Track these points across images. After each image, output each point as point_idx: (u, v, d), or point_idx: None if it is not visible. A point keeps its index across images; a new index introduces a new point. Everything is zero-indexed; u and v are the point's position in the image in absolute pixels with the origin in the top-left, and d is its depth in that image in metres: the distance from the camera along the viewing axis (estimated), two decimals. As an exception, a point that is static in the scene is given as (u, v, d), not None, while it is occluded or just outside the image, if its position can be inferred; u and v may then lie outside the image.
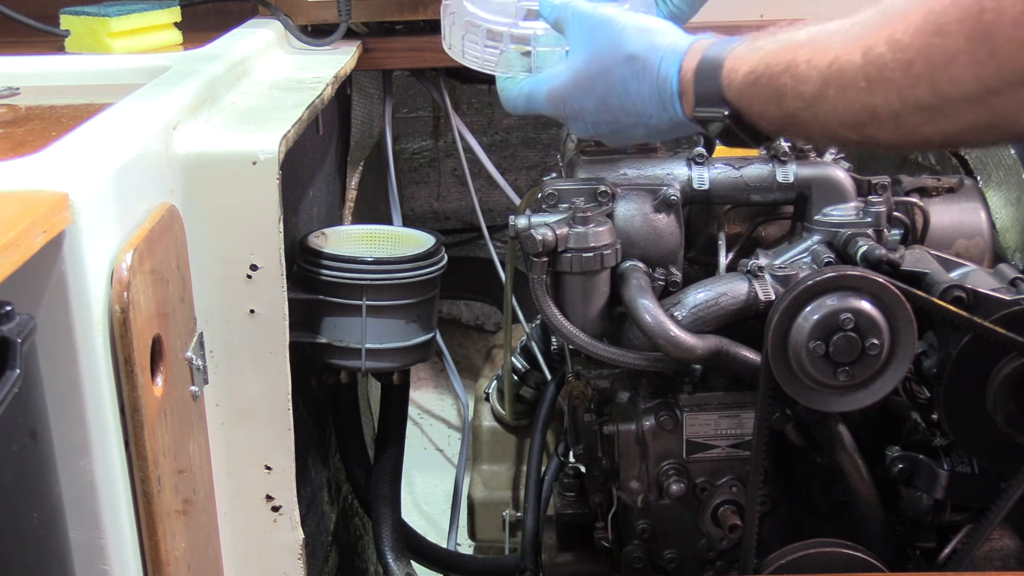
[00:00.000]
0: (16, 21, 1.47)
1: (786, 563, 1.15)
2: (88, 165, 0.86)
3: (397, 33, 1.72)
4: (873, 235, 1.21)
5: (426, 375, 2.37)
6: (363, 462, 1.66)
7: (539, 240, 1.17)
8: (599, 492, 1.36)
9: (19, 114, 1.15)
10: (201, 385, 1.03)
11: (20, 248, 0.70)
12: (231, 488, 1.13)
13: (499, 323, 2.29)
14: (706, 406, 1.24)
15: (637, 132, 1.13)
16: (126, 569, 0.87)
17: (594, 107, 1.12)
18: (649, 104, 1.08)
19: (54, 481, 0.76)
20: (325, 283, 1.39)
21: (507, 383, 1.70)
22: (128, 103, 1.07)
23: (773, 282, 1.18)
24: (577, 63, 1.12)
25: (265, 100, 1.27)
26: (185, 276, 1.01)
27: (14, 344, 0.66)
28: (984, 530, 1.13)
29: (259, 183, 1.07)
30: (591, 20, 1.12)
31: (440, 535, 2.11)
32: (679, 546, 1.28)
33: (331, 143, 1.67)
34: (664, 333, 1.15)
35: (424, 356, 1.49)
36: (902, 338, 1.10)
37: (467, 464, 1.93)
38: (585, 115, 1.13)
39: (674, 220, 1.24)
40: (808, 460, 1.27)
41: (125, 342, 0.83)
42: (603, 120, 1.13)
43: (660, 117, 1.08)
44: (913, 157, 1.82)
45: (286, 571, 1.17)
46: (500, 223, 2.01)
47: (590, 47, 1.11)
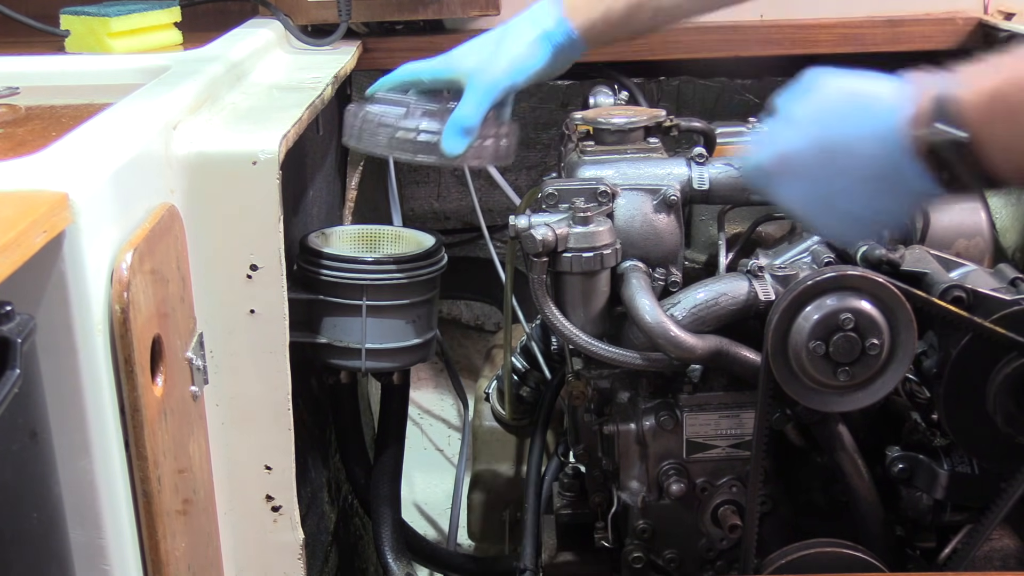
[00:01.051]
0: (16, 21, 1.47)
1: (786, 563, 1.15)
2: (88, 165, 0.86)
3: (397, 33, 1.72)
4: (873, 235, 1.21)
5: (426, 375, 2.37)
6: (363, 462, 1.66)
7: (539, 240, 1.17)
8: (599, 492, 1.36)
9: (19, 114, 1.15)
10: (201, 385, 1.03)
11: (20, 248, 0.70)
12: (231, 488, 1.13)
13: (499, 323, 2.29)
14: (706, 406, 1.24)
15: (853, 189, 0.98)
16: (126, 569, 0.87)
17: (812, 156, 1.00)
18: (870, 139, 0.97)
19: (54, 481, 0.76)
20: (325, 283, 1.39)
21: (507, 383, 1.70)
22: (128, 103, 1.07)
23: (773, 282, 1.18)
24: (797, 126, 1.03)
25: (265, 100, 1.27)
26: (185, 276, 1.01)
27: (14, 344, 0.66)
28: (984, 530, 1.13)
29: (259, 183, 1.07)
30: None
31: (440, 535, 2.11)
32: (679, 546, 1.28)
33: (331, 143, 1.67)
34: (664, 333, 1.15)
35: (424, 356, 1.49)
36: (902, 338, 1.10)
37: (467, 464, 1.93)
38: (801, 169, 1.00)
39: (674, 220, 1.24)
40: (808, 460, 1.27)
41: (125, 342, 0.83)
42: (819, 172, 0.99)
43: (878, 152, 0.96)
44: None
45: (286, 571, 1.17)
46: (500, 223, 2.01)
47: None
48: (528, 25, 1.25)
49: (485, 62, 1.24)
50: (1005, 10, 1.65)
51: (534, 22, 1.24)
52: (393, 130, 1.24)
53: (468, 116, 1.22)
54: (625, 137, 1.30)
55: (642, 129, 1.31)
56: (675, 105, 2.13)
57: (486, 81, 1.23)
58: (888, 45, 1.69)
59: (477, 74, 1.24)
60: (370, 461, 1.66)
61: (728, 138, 1.38)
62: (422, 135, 1.23)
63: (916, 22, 1.67)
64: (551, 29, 1.23)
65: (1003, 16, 1.64)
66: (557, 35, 1.24)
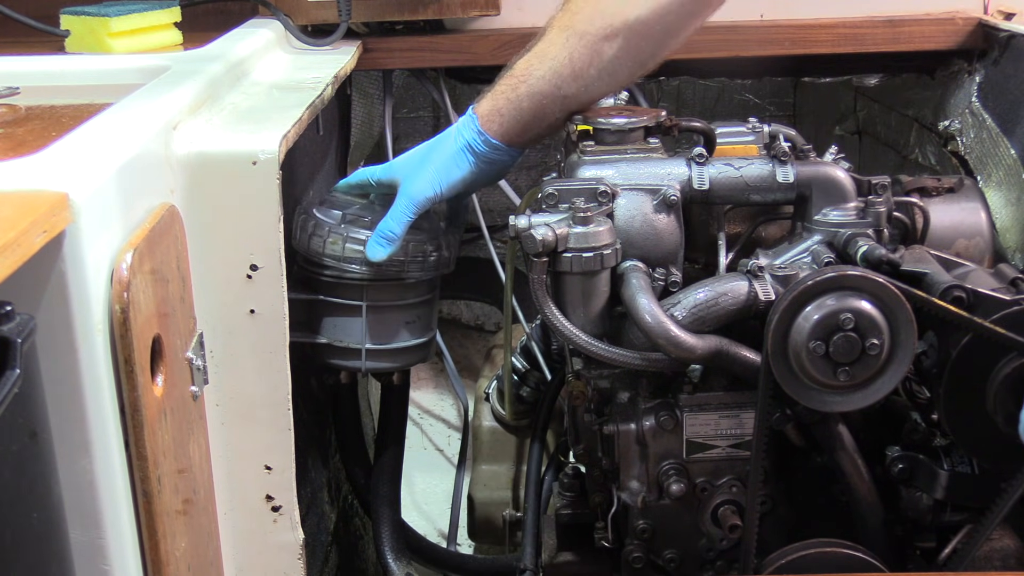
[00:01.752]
0: (16, 21, 1.47)
1: (786, 563, 1.15)
2: (88, 165, 0.86)
3: (397, 33, 1.72)
4: (873, 235, 1.21)
5: (426, 375, 2.37)
6: (363, 462, 1.66)
7: (539, 240, 1.17)
8: (599, 492, 1.36)
9: (19, 114, 1.15)
10: (201, 385, 1.03)
11: (20, 248, 0.70)
12: (231, 488, 1.13)
13: (499, 323, 2.29)
14: (706, 406, 1.24)
15: None
16: (126, 569, 0.87)
17: None
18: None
19: (54, 481, 0.76)
20: (325, 283, 1.39)
21: (507, 383, 1.70)
22: (128, 103, 1.07)
23: (773, 282, 1.18)
24: None
25: (265, 100, 1.27)
26: (185, 276, 1.01)
27: (14, 344, 0.66)
28: (984, 530, 1.13)
29: (259, 183, 1.07)
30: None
31: (440, 535, 2.11)
32: (679, 546, 1.28)
33: (331, 143, 1.67)
34: (664, 333, 1.15)
35: (424, 356, 1.49)
36: (902, 338, 1.10)
37: (467, 464, 1.93)
38: None
39: (674, 220, 1.24)
40: (808, 460, 1.27)
41: (125, 342, 0.83)
42: None
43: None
44: (913, 157, 1.82)
45: (286, 571, 1.17)
46: (500, 223, 2.01)
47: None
48: (452, 139, 1.33)
49: (413, 173, 1.33)
50: (1005, 10, 1.65)
51: (457, 135, 1.33)
52: (327, 235, 1.35)
53: (391, 225, 1.31)
54: (625, 137, 1.30)
55: (642, 129, 1.31)
56: (675, 105, 2.14)
57: (411, 192, 1.31)
58: (888, 45, 1.69)
59: (404, 184, 1.33)
60: (370, 461, 1.66)
61: (728, 138, 1.38)
62: (349, 243, 1.34)
63: (916, 22, 1.67)
64: (470, 140, 1.32)
65: (1003, 16, 1.64)
66: (477, 145, 1.32)
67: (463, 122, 1.33)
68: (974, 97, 1.61)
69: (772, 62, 1.78)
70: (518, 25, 1.70)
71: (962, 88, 1.66)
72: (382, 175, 1.38)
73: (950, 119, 1.65)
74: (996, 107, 1.57)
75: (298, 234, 1.36)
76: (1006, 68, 1.56)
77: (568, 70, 1.28)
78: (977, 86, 1.62)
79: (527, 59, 1.31)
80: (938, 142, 1.71)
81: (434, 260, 1.39)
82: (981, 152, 1.57)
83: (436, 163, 1.32)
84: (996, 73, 1.59)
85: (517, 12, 1.70)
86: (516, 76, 1.31)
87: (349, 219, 1.37)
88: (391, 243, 1.31)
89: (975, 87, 1.62)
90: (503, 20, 1.70)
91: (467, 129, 1.32)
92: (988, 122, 1.56)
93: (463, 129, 1.32)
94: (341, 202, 1.42)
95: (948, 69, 1.71)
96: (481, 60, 1.70)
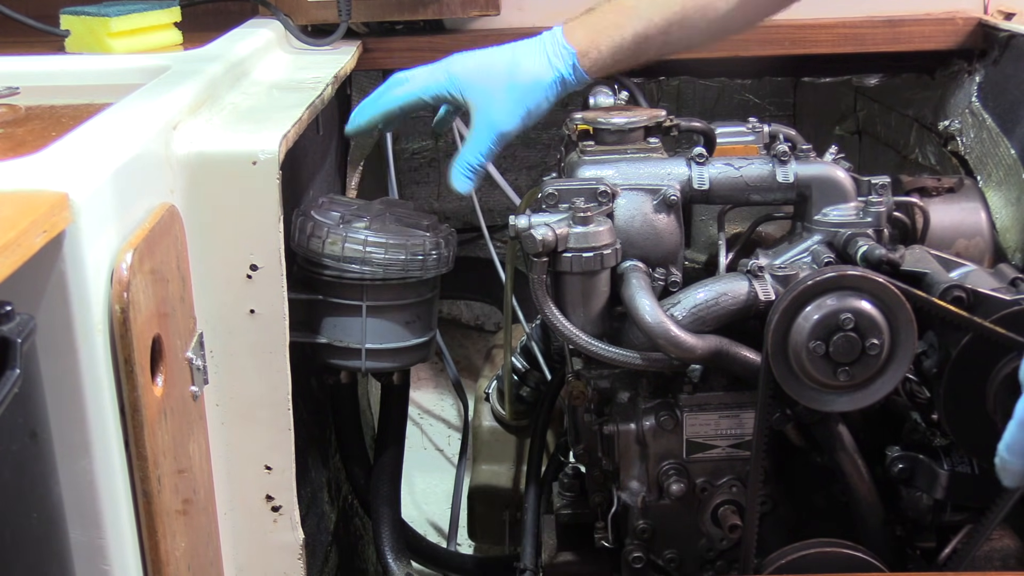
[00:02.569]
0: (16, 21, 1.47)
1: (786, 563, 1.15)
2: (88, 165, 0.86)
3: (397, 33, 1.72)
4: (873, 235, 1.21)
5: (426, 375, 2.37)
6: (363, 462, 1.66)
7: (539, 240, 1.17)
8: (599, 492, 1.36)
9: (19, 114, 1.15)
10: (201, 385, 1.03)
11: (20, 248, 0.70)
12: (231, 488, 1.13)
13: (499, 323, 2.29)
14: (706, 406, 1.24)
15: None
16: (126, 569, 0.87)
17: None
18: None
19: (54, 481, 0.76)
20: (325, 283, 1.39)
21: (507, 383, 1.70)
22: (128, 103, 1.07)
23: (773, 282, 1.18)
24: None
25: (265, 100, 1.27)
26: (185, 276, 1.01)
27: (14, 344, 0.66)
28: (984, 530, 1.13)
29: (259, 183, 1.07)
30: None
31: (440, 535, 2.11)
32: (679, 546, 1.28)
33: (331, 143, 1.67)
34: (664, 333, 1.15)
35: (424, 356, 1.49)
36: (902, 338, 1.10)
37: (467, 464, 1.93)
38: None
39: (674, 220, 1.24)
40: (808, 460, 1.27)
41: (125, 342, 0.83)
42: None
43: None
44: (913, 157, 1.82)
45: (286, 571, 1.17)
46: (500, 223, 2.01)
47: None
48: (543, 64, 1.24)
49: (495, 98, 1.23)
50: (1005, 10, 1.65)
51: (549, 65, 1.24)
52: (327, 235, 1.34)
53: (474, 156, 1.23)
54: (625, 137, 1.30)
55: (642, 129, 1.31)
56: (675, 105, 2.14)
57: (497, 124, 1.23)
58: (888, 45, 1.69)
59: (486, 111, 1.23)
60: (370, 461, 1.66)
61: (728, 138, 1.38)
62: (349, 243, 1.33)
63: (916, 22, 1.67)
64: (567, 76, 1.24)
65: (1003, 16, 1.64)
66: (570, 79, 1.25)
67: (555, 51, 1.24)
68: (974, 97, 1.61)
69: (772, 62, 1.78)
70: (518, 25, 1.70)
71: (962, 88, 1.66)
72: (448, 89, 1.25)
73: (950, 119, 1.65)
74: (996, 107, 1.56)
75: (297, 235, 1.36)
76: (1006, 68, 1.56)
77: (679, 16, 1.23)
78: (977, 86, 1.62)
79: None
80: (938, 142, 1.71)
81: (434, 260, 1.39)
82: (981, 152, 1.57)
83: (522, 90, 1.23)
84: (996, 73, 1.59)
85: (517, 12, 1.70)
86: (622, 12, 1.24)
87: (348, 219, 1.37)
88: (475, 174, 1.24)
89: (975, 87, 1.62)
90: (503, 20, 1.69)
91: (562, 61, 1.24)
92: (988, 122, 1.56)
93: (555, 59, 1.24)
94: (340, 202, 1.41)
95: (948, 69, 1.70)
96: (481, 60, 1.70)
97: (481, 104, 1.24)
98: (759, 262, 1.21)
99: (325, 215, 1.37)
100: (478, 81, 1.24)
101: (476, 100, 1.24)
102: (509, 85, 1.24)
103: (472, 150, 1.23)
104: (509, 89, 1.23)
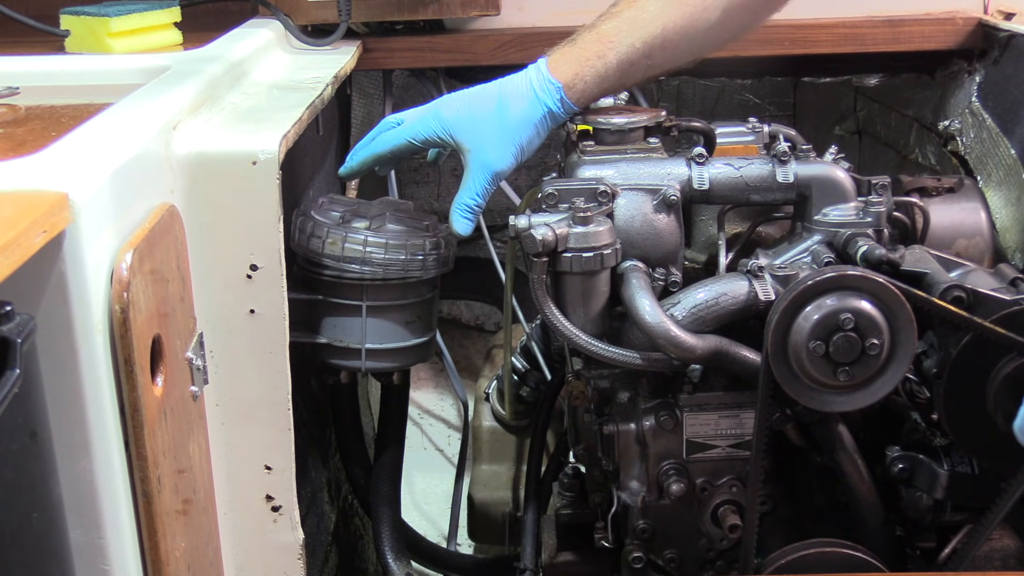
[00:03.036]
0: (16, 21, 1.47)
1: (786, 563, 1.15)
2: (88, 165, 0.86)
3: (397, 33, 1.72)
4: (873, 235, 1.21)
5: (426, 375, 2.37)
6: (363, 462, 1.66)
7: (539, 240, 1.17)
8: (599, 492, 1.36)
9: (19, 114, 1.15)
10: (201, 385, 1.03)
11: (20, 248, 0.70)
12: (231, 488, 1.13)
13: (499, 323, 2.29)
14: (706, 406, 1.24)
15: None
16: (126, 569, 0.87)
17: None
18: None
19: (54, 481, 0.76)
20: (325, 283, 1.39)
21: (507, 383, 1.70)
22: (128, 103, 1.07)
23: (773, 282, 1.18)
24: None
25: (265, 100, 1.27)
26: (185, 276, 1.01)
27: (14, 344, 0.66)
28: (984, 530, 1.13)
29: (259, 183, 1.07)
30: None
31: (440, 535, 2.11)
32: (679, 546, 1.28)
33: (331, 143, 1.67)
34: (664, 333, 1.15)
35: (424, 356, 1.49)
36: (902, 338, 1.10)
37: (467, 464, 1.93)
38: None
39: (674, 220, 1.24)
40: (808, 460, 1.27)
41: (125, 342, 0.83)
42: None
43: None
44: (913, 157, 1.82)
45: (286, 571, 1.17)
46: (500, 223, 2.01)
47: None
48: (530, 101, 1.26)
49: (487, 140, 1.25)
50: (1005, 10, 1.65)
51: (537, 100, 1.26)
52: (326, 235, 1.34)
53: (471, 199, 1.26)
54: (625, 137, 1.30)
55: (642, 129, 1.31)
56: (675, 105, 2.14)
57: (487, 162, 1.25)
58: (888, 45, 1.69)
59: (479, 153, 1.26)
60: (370, 461, 1.66)
61: (728, 138, 1.38)
62: (348, 243, 1.33)
63: (916, 22, 1.67)
64: (555, 110, 1.26)
65: (1003, 16, 1.64)
66: (559, 112, 1.27)
67: (542, 86, 1.25)
68: (974, 97, 1.61)
69: (772, 62, 1.78)
70: (518, 25, 1.70)
71: (962, 88, 1.66)
72: (438, 134, 1.28)
73: (950, 119, 1.65)
74: (996, 107, 1.57)
75: (297, 235, 1.36)
76: (1006, 68, 1.56)
77: (660, 40, 1.24)
78: (977, 86, 1.62)
79: (616, 25, 1.25)
80: (938, 142, 1.71)
81: (434, 260, 1.39)
82: (981, 152, 1.57)
83: (512, 129, 1.25)
84: (996, 73, 1.59)
85: (517, 12, 1.70)
86: (603, 41, 1.24)
87: (348, 219, 1.37)
88: (474, 215, 1.26)
89: (975, 87, 1.62)
90: (503, 20, 1.69)
91: (549, 96, 1.25)
92: (988, 122, 1.56)
93: (543, 95, 1.25)
94: (340, 202, 1.41)
95: (948, 69, 1.70)
96: (481, 60, 1.70)
97: (474, 146, 1.26)
98: (759, 262, 1.21)
99: (325, 215, 1.37)
100: (469, 124, 1.26)
101: (468, 143, 1.26)
102: (499, 125, 1.25)
103: (469, 193, 1.26)
104: (500, 129, 1.25)
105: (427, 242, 1.38)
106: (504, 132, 1.25)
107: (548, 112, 1.26)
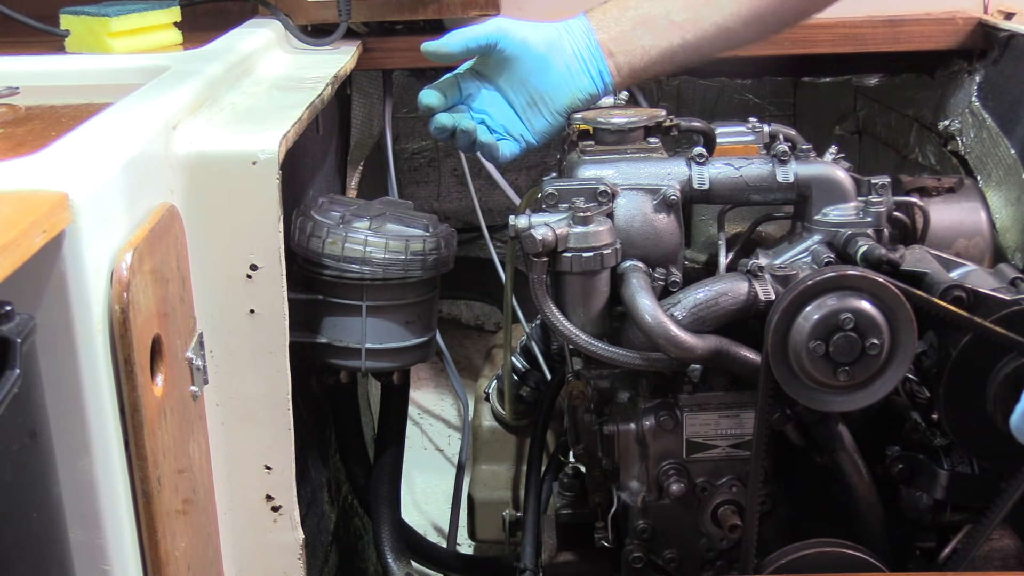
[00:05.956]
0: (16, 21, 1.47)
1: (786, 563, 1.15)
2: (88, 165, 0.86)
3: (397, 33, 1.72)
4: (873, 235, 1.21)
5: (426, 375, 2.37)
6: (363, 462, 1.66)
7: (539, 240, 1.17)
8: (599, 492, 1.36)
9: (19, 114, 1.15)
10: (201, 385, 1.03)
11: (20, 248, 0.70)
12: (231, 488, 1.13)
13: (499, 323, 2.29)
14: (706, 406, 1.24)
15: None
16: (126, 569, 0.87)
17: None
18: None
19: (54, 481, 0.76)
20: (325, 283, 1.39)
21: (507, 383, 1.70)
22: (128, 103, 1.07)
23: (773, 282, 1.18)
24: None
25: (265, 100, 1.27)
26: (185, 276, 1.01)
27: (14, 344, 0.66)
28: (984, 530, 1.13)
29: (259, 183, 1.07)
30: None
31: (440, 535, 2.11)
32: (679, 546, 1.28)
33: (331, 143, 1.67)
34: (664, 333, 1.15)
35: (424, 356, 1.49)
36: (902, 338, 1.10)
37: (467, 464, 1.93)
38: None
39: (674, 220, 1.24)
40: (808, 460, 1.27)
41: (125, 342, 0.83)
42: None
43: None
44: (913, 157, 1.82)
45: (286, 571, 1.17)
46: (500, 223, 2.01)
47: None
48: (588, 76, 1.33)
49: (555, 90, 1.33)
50: (1005, 10, 1.65)
51: (592, 79, 1.33)
52: (326, 235, 1.36)
53: (535, 137, 1.35)
54: (625, 137, 1.30)
55: (642, 129, 1.31)
56: (675, 105, 2.14)
57: (556, 119, 1.34)
58: (888, 45, 1.69)
59: (552, 100, 1.33)
60: (370, 461, 1.66)
61: (728, 138, 1.38)
62: (348, 243, 1.36)
63: (916, 22, 1.67)
64: (600, 94, 1.34)
65: (1003, 16, 1.64)
66: (603, 95, 1.35)
67: (595, 64, 1.33)
68: (974, 97, 1.61)
69: (772, 62, 1.78)
70: (518, 25, 1.70)
71: (962, 88, 1.66)
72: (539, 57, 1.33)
73: (950, 119, 1.65)
74: (996, 107, 1.57)
75: (297, 235, 1.36)
76: (1006, 68, 1.56)
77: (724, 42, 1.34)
78: (977, 86, 1.62)
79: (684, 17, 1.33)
80: (938, 142, 1.71)
81: (434, 260, 1.39)
82: (981, 152, 1.57)
83: (570, 94, 1.34)
84: (996, 73, 1.59)
85: (517, 12, 1.70)
86: (674, 30, 1.33)
87: (348, 219, 1.37)
88: (524, 147, 1.35)
89: (975, 87, 1.62)
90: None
91: (600, 79, 1.33)
92: (988, 122, 1.56)
93: (596, 74, 1.33)
94: (340, 202, 1.41)
95: (948, 69, 1.71)
96: (481, 60, 1.70)
97: (547, 94, 1.34)
98: (759, 262, 1.21)
99: (325, 215, 1.37)
100: (551, 64, 1.33)
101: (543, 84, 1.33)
102: (560, 85, 1.34)
103: (535, 129, 1.35)
104: (559, 90, 1.34)
105: (427, 242, 1.38)
106: (559, 91, 1.33)
107: (596, 94, 1.35)
